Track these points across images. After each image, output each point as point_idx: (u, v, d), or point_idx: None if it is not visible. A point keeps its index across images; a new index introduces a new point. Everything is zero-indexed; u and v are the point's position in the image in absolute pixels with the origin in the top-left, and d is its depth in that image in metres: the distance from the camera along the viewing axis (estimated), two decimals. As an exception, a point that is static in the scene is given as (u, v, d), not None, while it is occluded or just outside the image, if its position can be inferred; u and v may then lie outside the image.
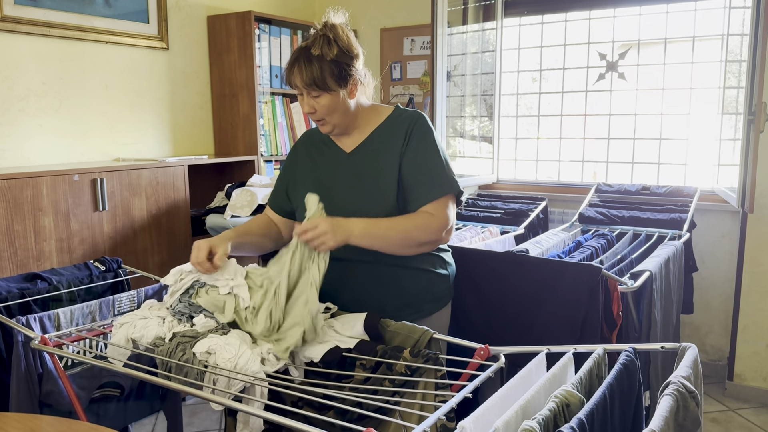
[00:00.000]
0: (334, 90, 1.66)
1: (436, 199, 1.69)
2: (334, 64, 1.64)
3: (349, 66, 1.67)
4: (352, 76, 1.68)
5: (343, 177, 1.77)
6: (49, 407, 1.78)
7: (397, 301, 1.72)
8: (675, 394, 1.06)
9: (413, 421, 1.30)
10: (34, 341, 1.59)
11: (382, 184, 1.71)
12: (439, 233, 1.69)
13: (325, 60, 1.63)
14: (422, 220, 1.68)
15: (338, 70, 1.65)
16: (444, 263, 1.84)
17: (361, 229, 1.61)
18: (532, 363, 1.32)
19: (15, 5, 2.77)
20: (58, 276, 2.01)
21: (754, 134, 2.74)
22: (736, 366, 3.27)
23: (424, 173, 1.70)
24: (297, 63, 1.65)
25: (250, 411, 1.21)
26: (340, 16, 1.72)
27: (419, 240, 1.67)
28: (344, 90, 1.68)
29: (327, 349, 1.48)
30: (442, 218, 1.69)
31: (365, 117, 1.79)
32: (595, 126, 3.86)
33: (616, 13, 3.68)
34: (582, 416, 1.00)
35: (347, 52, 1.66)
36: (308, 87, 1.65)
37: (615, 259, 2.52)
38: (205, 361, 1.41)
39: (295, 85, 1.68)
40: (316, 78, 1.63)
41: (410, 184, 1.70)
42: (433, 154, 1.72)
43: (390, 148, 1.73)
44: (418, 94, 4.18)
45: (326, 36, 1.65)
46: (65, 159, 3.05)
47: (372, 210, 1.69)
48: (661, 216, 3.08)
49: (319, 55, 1.63)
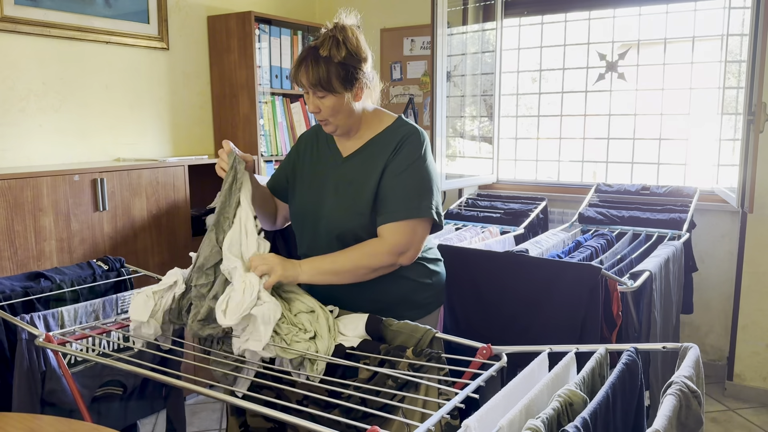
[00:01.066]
0: (339, 92, 1.66)
1: (398, 221, 1.66)
2: (341, 67, 1.63)
3: (356, 69, 1.66)
4: (359, 79, 1.67)
5: (333, 180, 1.77)
6: (52, 406, 1.79)
7: (375, 304, 1.70)
8: (678, 394, 1.06)
9: (417, 419, 1.30)
10: (38, 339, 1.60)
11: (362, 193, 1.70)
12: (391, 257, 1.66)
13: (333, 62, 1.63)
14: (369, 247, 1.67)
15: (345, 73, 1.64)
16: (429, 273, 1.80)
17: (309, 267, 1.64)
18: (535, 362, 1.32)
19: (15, 5, 2.77)
20: (62, 275, 2.02)
21: (753, 134, 2.74)
22: (736, 366, 3.28)
23: (397, 192, 1.68)
24: (304, 62, 1.65)
25: (256, 408, 1.21)
26: (351, 17, 1.71)
27: (370, 266, 1.66)
28: (349, 93, 1.68)
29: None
30: (392, 242, 1.65)
31: (367, 122, 1.78)
32: (594, 126, 3.87)
33: (615, 13, 3.69)
34: (586, 415, 1.01)
35: (355, 54, 1.66)
36: (314, 87, 1.65)
37: (615, 259, 2.53)
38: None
39: (301, 84, 1.68)
40: (322, 79, 1.63)
41: (382, 200, 1.69)
42: (414, 174, 1.69)
43: (377, 159, 1.72)
44: (418, 95, 4.18)
45: (335, 37, 1.64)
46: (65, 159, 3.05)
47: (346, 217, 1.70)
48: (661, 216, 3.08)
49: (327, 57, 1.62)
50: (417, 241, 1.69)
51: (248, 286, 1.48)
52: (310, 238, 1.79)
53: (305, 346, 1.47)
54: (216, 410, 3.14)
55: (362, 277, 1.68)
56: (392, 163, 1.70)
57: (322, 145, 1.86)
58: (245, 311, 1.46)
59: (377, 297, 1.73)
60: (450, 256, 2.22)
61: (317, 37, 1.68)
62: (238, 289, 1.48)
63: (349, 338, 1.53)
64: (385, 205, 1.68)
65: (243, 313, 1.45)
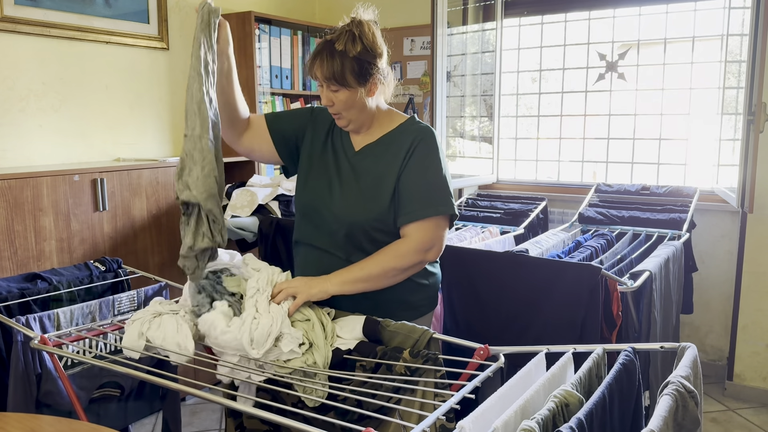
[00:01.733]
0: (353, 86, 1.65)
1: (422, 219, 1.68)
2: (355, 61, 1.63)
3: (371, 64, 1.66)
4: (373, 74, 1.67)
5: (344, 172, 1.77)
6: (48, 407, 1.78)
7: (368, 301, 1.70)
8: (674, 394, 1.06)
9: (413, 421, 1.30)
10: (33, 341, 1.59)
11: (376, 190, 1.71)
12: (419, 255, 1.68)
13: (348, 56, 1.62)
14: (396, 248, 1.68)
15: (359, 68, 1.64)
16: (426, 273, 1.81)
17: (338, 279, 1.64)
18: (532, 363, 1.32)
19: (15, 5, 2.77)
20: (58, 276, 2.02)
21: (753, 134, 2.74)
22: (736, 366, 3.27)
23: (419, 191, 1.69)
24: (320, 56, 1.65)
25: (250, 410, 1.21)
26: (369, 12, 1.71)
27: (400, 267, 1.67)
28: (363, 88, 1.67)
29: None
30: (418, 240, 1.67)
31: (380, 119, 1.78)
32: (594, 126, 3.86)
33: (615, 13, 3.68)
34: (581, 416, 1.00)
35: (371, 50, 1.65)
36: (328, 81, 1.65)
37: (615, 259, 2.53)
38: None
39: (316, 77, 1.68)
40: (336, 73, 1.62)
41: (403, 200, 1.70)
42: (433, 172, 1.71)
43: (392, 157, 1.73)
44: (418, 95, 4.18)
45: (352, 32, 1.64)
46: (65, 159, 3.05)
47: (358, 212, 1.70)
48: (661, 216, 3.08)
49: (342, 51, 1.62)
50: (441, 237, 1.72)
51: (275, 319, 1.49)
52: (312, 226, 1.78)
53: (302, 360, 1.46)
54: (216, 410, 3.14)
55: (392, 279, 1.68)
56: (410, 162, 1.70)
57: (337, 132, 1.84)
58: (269, 344, 1.46)
59: (371, 295, 1.72)
60: (450, 256, 2.22)
61: (334, 31, 1.67)
62: (264, 324, 1.47)
63: (346, 340, 1.53)
64: (407, 204, 1.69)
65: (268, 347, 1.46)
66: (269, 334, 1.45)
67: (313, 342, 1.50)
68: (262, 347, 1.45)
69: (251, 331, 1.46)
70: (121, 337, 1.89)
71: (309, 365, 1.45)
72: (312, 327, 1.52)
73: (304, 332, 1.51)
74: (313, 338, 1.50)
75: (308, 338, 1.50)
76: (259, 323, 1.47)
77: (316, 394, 1.40)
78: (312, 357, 1.47)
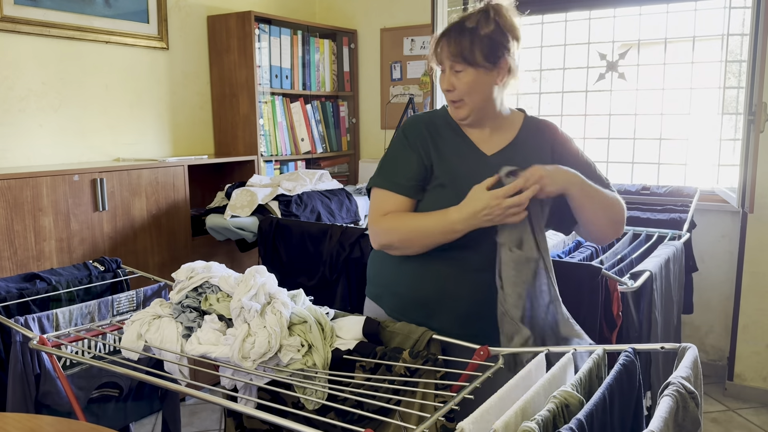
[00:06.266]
0: (481, 66, 1.49)
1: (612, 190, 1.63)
2: (487, 39, 1.48)
3: (503, 46, 1.50)
4: (504, 58, 1.51)
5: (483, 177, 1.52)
6: (47, 408, 1.78)
7: None
8: (674, 395, 1.05)
9: (413, 422, 1.30)
10: (32, 341, 1.59)
11: None
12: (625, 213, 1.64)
13: (478, 33, 1.48)
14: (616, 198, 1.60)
15: (490, 47, 1.49)
16: None
17: (581, 181, 1.50)
18: (532, 363, 1.32)
19: (15, 5, 2.77)
20: (57, 276, 2.01)
21: (754, 134, 2.74)
22: (736, 366, 3.27)
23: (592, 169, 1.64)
24: (446, 35, 1.52)
25: (250, 412, 1.21)
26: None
27: (616, 218, 1.60)
28: (492, 70, 1.51)
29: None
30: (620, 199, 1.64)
31: (501, 120, 1.62)
32: (594, 126, 3.86)
33: (616, 13, 3.68)
34: (581, 417, 1.00)
35: (506, 30, 1.50)
36: (454, 58, 1.50)
37: (615, 259, 2.52)
38: None
39: (440, 58, 1.54)
40: (465, 49, 1.48)
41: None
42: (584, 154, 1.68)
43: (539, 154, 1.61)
44: (418, 95, 4.18)
45: (486, 11, 1.50)
46: (65, 159, 3.05)
47: None
48: (661, 216, 3.08)
49: (474, 28, 1.49)
50: None
51: (272, 335, 1.47)
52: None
53: (301, 362, 1.46)
54: (216, 410, 3.14)
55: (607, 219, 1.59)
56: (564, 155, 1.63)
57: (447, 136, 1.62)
58: (267, 357, 1.45)
59: None
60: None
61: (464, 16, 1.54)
62: (262, 338, 1.45)
63: (345, 341, 1.53)
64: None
65: (265, 359, 1.45)
66: (268, 350, 1.44)
67: (311, 344, 1.49)
68: (258, 362, 1.44)
69: (246, 351, 1.44)
70: (120, 337, 1.89)
71: (308, 367, 1.45)
72: (309, 329, 1.51)
73: (302, 335, 1.50)
74: (311, 340, 1.49)
75: (306, 340, 1.49)
76: (255, 342, 1.43)
77: (316, 396, 1.39)
78: (311, 359, 1.47)
